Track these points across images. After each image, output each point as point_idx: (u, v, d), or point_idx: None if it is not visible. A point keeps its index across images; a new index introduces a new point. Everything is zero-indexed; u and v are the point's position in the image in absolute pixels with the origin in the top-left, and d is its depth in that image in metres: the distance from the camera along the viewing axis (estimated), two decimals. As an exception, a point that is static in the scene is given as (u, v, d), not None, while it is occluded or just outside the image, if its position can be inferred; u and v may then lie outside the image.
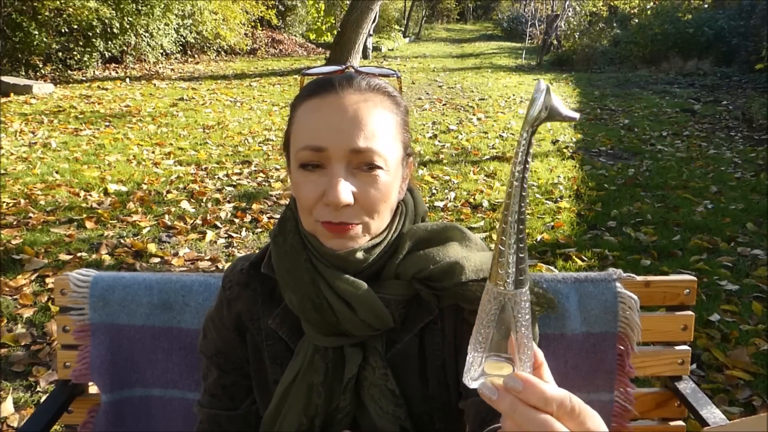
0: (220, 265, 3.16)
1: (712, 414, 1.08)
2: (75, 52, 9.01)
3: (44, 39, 8.32)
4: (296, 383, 0.81)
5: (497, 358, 0.51)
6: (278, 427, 0.82)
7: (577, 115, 0.47)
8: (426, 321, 0.83)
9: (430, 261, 0.80)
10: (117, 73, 9.72)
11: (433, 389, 0.84)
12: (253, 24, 13.59)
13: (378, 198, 0.76)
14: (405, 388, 0.82)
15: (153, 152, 5.25)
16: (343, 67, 0.82)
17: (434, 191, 4.43)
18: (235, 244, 3.44)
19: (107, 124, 6.21)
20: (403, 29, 20.66)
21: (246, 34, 13.15)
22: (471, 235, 0.86)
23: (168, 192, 4.20)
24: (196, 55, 12.06)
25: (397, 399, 0.80)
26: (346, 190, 0.73)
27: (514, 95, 8.87)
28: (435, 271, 0.79)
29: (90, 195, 4.08)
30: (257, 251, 0.94)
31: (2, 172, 4.44)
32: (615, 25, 13.95)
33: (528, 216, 3.90)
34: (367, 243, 0.79)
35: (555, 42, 14.56)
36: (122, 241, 3.37)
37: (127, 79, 9.11)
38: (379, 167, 0.75)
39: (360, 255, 0.78)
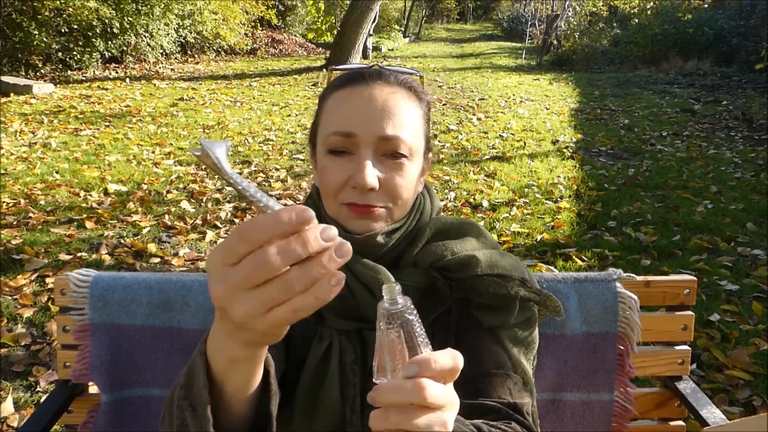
0: (220, 265, 3.15)
1: (712, 414, 1.08)
2: (75, 52, 9.00)
3: (44, 39, 8.31)
4: (330, 362, 0.82)
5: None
6: (318, 403, 0.81)
7: None
8: (440, 311, 0.86)
9: (449, 251, 0.83)
10: (117, 73, 9.71)
11: None
12: (253, 24, 13.58)
13: (402, 185, 0.80)
14: None
15: (153, 152, 5.25)
16: (371, 65, 0.86)
17: (434, 191, 4.44)
18: (235, 244, 3.43)
19: (107, 124, 6.21)
20: (403, 29, 20.64)
21: (246, 34, 13.14)
22: (487, 233, 0.91)
23: (168, 192, 4.20)
24: (196, 55, 12.05)
25: None
26: (372, 174, 0.77)
27: (514, 95, 8.87)
28: (452, 261, 0.82)
29: (90, 195, 4.08)
30: None
31: (2, 172, 4.44)
32: (615, 25, 13.94)
33: (528, 216, 3.93)
34: (388, 227, 0.82)
35: (555, 42, 14.55)
36: (122, 241, 3.37)
37: (127, 79, 9.11)
38: (404, 155, 0.80)
39: (380, 239, 0.81)
